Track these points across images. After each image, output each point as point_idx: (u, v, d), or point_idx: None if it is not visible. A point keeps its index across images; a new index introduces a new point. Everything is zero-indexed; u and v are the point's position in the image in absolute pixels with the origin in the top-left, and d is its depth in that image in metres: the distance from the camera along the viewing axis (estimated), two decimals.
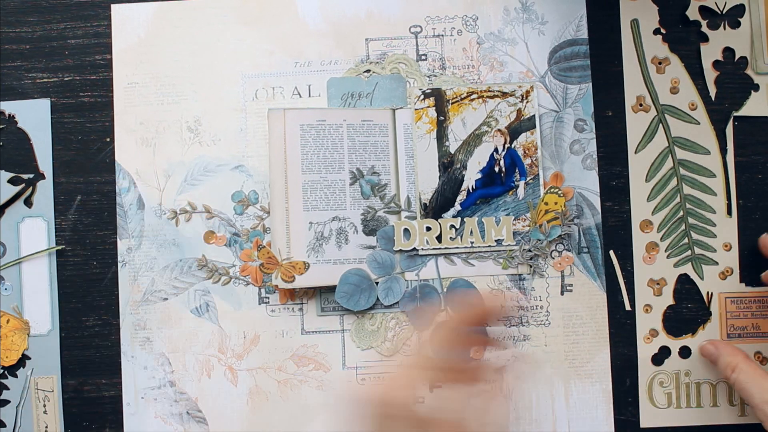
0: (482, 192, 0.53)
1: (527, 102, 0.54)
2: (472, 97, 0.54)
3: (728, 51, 0.55)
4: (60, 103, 0.55)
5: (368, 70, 0.54)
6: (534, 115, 0.54)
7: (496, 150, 0.54)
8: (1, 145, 0.55)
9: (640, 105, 0.54)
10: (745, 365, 0.47)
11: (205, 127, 0.54)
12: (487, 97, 0.54)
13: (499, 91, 0.54)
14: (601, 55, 0.55)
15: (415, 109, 0.54)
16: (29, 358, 0.54)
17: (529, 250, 0.53)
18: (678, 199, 0.54)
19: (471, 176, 0.53)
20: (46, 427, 0.53)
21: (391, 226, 0.53)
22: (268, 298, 0.53)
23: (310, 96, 0.54)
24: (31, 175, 0.54)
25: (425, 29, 0.55)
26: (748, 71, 0.54)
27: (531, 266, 0.53)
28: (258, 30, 0.55)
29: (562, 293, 0.54)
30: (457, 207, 0.53)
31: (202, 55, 0.55)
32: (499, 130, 0.54)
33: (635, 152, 0.54)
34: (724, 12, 0.54)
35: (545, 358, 0.53)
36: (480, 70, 0.54)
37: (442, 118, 0.54)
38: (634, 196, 0.54)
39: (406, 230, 0.53)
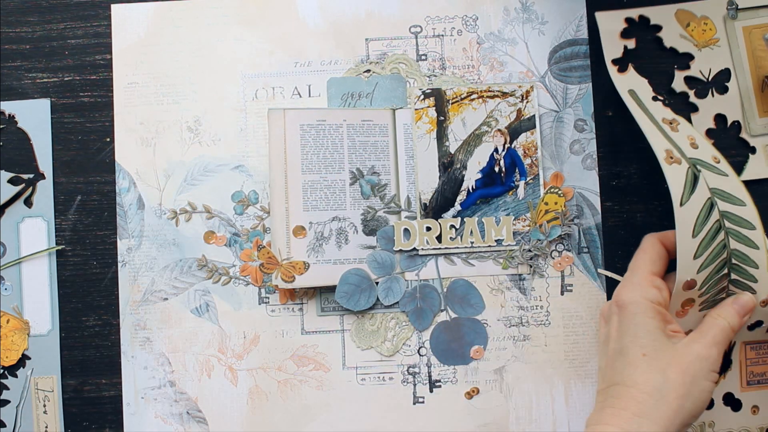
0: (482, 192, 0.53)
1: (527, 102, 0.54)
2: (472, 97, 0.54)
3: (720, 118, 0.54)
4: (60, 103, 0.55)
5: (368, 70, 0.54)
6: (534, 115, 0.54)
7: (496, 150, 0.54)
8: (1, 145, 0.55)
9: (671, 158, 0.48)
10: None
11: (205, 127, 0.54)
12: (487, 97, 0.54)
13: (499, 91, 0.54)
14: (601, 56, 0.54)
15: (415, 109, 0.54)
16: (29, 358, 0.54)
17: (529, 250, 0.53)
18: (725, 255, 0.47)
19: (471, 176, 0.53)
20: (46, 427, 0.53)
21: (391, 226, 0.53)
22: (268, 298, 0.53)
23: (310, 96, 0.54)
24: (31, 175, 0.54)
25: (425, 29, 0.55)
26: (743, 135, 0.54)
27: (531, 266, 0.53)
28: (258, 30, 0.55)
29: (562, 293, 0.54)
30: (457, 207, 0.53)
31: (202, 55, 0.55)
32: (499, 130, 0.54)
33: (681, 205, 0.46)
34: (710, 79, 0.54)
35: (545, 358, 0.53)
36: (480, 70, 0.54)
37: (442, 118, 0.54)
38: (681, 254, 0.46)
39: (406, 230, 0.53)
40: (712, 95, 0.54)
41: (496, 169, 0.54)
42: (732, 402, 0.53)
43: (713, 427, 0.52)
